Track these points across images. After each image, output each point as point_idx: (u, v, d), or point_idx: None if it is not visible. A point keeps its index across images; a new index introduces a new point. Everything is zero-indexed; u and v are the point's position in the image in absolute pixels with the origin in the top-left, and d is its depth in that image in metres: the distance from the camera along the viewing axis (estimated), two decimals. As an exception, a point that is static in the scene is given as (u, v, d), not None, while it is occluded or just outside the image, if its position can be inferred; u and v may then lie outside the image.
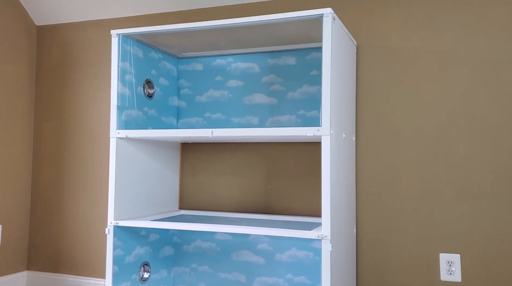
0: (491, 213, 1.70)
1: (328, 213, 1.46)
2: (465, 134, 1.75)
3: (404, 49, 1.84)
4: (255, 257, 1.98)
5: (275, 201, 1.99)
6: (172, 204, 2.11)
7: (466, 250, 1.72)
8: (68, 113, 2.38)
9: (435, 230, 1.76)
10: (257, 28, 1.68)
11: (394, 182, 1.83)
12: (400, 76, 1.84)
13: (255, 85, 2.03)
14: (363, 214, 1.86)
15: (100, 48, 2.33)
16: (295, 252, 1.91)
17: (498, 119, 1.71)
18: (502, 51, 1.72)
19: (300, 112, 1.95)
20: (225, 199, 2.08)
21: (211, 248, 2.05)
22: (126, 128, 1.82)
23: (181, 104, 2.16)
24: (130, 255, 1.83)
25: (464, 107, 1.75)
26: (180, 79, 2.16)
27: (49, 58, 2.44)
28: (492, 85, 1.72)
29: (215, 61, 2.10)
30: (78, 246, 2.31)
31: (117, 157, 1.77)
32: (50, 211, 2.38)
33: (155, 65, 2.01)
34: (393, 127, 1.84)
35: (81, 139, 2.34)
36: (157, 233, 2.00)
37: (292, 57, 1.97)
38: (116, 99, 1.78)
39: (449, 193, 1.76)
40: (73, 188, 2.34)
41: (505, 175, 1.69)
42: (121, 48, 1.80)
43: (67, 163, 2.36)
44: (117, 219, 1.76)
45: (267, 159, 2.02)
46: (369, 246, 1.85)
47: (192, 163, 2.15)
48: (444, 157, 1.77)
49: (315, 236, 1.47)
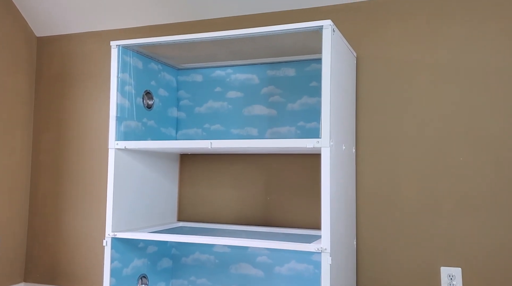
0: (493, 226, 1.68)
1: (328, 226, 1.45)
2: (465, 146, 1.74)
3: (403, 61, 1.84)
4: (254, 269, 1.95)
5: (275, 213, 1.98)
6: (171, 216, 2.09)
7: (468, 264, 1.70)
8: (67, 123, 2.37)
9: (436, 243, 1.75)
10: (257, 39, 1.68)
11: (394, 194, 1.82)
12: (399, 88, 1.84)
13: (254, 96, 2.03)
14: (363, 226, 1.85)
15: (100, 59, 2.34)
16: (295, 265, 1.89)
17: (498, 131, 1.71)
18: (500, 63, 1.72)
19: (299, 124, 1.95)
20: (224, 211, 2.06)
21: (209, 260, 2.03)
22: (125, 139, 1.81)
23: (180, 115, 2.15)
24: (127, 267, 1.81)
25: (463, 119, 1.75)
26: (179, 90, 2.16)
27: (48, 69, 2.44)
28: (491, 97, 1.72)
29: (214, 72, 2.10)
30: (76, 258, 2.29)
31: (115, 168, 1.76)
32: (47, 222, 2.36)
33: (154, 76, 2.01)
34: (393, 139, 1.84)
35: (79, 150, 2.33)
36: (155, 245, 1.98)
37: (292, 68, 1.97)
38: (115, 110, 1.78)
39: (449, 205, 1.74)
40: (71, 199, 2.32)
41: (505, 187, 1.68)
42: (120, 59, 1.80)
43: (65, 174, 2.35)
44: (115, 231, 1.74)
45: (266, 171, 2.01)
46: (369, 259, 1.83)
47: (191, 175, 2.13)
48: (444, 169, 1.76)
49: (314, 249, 1.45)
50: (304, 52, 1.85)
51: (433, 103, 1.79)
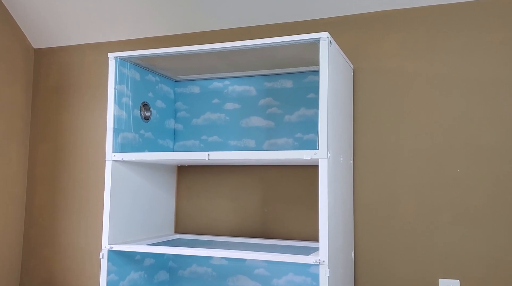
0: (491, 237, 1.68)
1: (326, 238, 1.44)
2: (463, 158, 1.74)
3: (401, 73, 1.85)
4: (251, 282, 1.94)
5: (272, 225, 1.97)
6: (168, 228, 2.08)
7: (466, 276, 1.69)
8: (64, 135, 2.37)
9: (434, 255, 1.74)
10: (254, 51, 1.69)
11: (392, 206, 1.81)
12: (397, 100, 1.85)
13: (252, 108, 2.03)
14: (361, 238, 1.84)
15: (97, 71, 2.34)
16: (292, 277, 1.87)
17: (496, 143, 1.71)
18: (498, 75, 1.73)
19: (297, 135, 1.95)
20: (222, 223, 2.05)
21: (207, 273, 2.01)
22: (122, 151, 1.80)
23: (177, 126, 2.15)
24: (124, 280, 1.79)
25: (461, 131, 1.76)
26: (177, 102, 2.17)
27: (46, 80, 2.44)
28: (489, 109, 1.73)
29: (212, 84, 2.11)
30: (72, 270, 2.26)
31: (112, 180, 1.75)
32: (43, 234, 2.34)
33: (152, 87, 2.01)
34: (390, 151, 1.84)
35: (76, 161, 2.32)
36: (152, 258, 1.96)
37: (289, 80, 1.98)
38: (112, 122, 1.77)
39: (448, 217, 1.74)
40: (68, 211, 2.30)
41: (504, 199, 1.68)
42: (118, 71, 1.81)
43: (62, 186, 2.34)
44: (111, 243, 1.72)
45: (264, 183, 2.00)
46: (367, 271, 1.82)
47: (188, 186, 2.13)
48: (442, 180, 1.76)
49: (312, 261, 1.44)
50: (302, 64, 1.86)
51: (430, 115, 1.80)
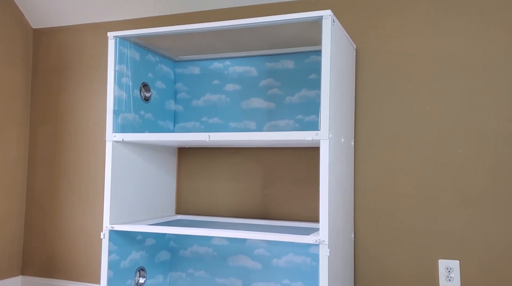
0: (491, 218, 1.69)
1: (326, 218, 1.44)
2: (464, 139, 1.74)
3: (403, 53, 1.83)
4: (252, 262, 1.95)
5: (273, 206, 1.98)
6: (169, 209, 2.09)
7: (466, 256, 1.70)
8: (64, 116, 2.36)
9: (434, 236, 1.75)
10: (255, 30, 1.67)
11: (392, 187, 1.82)
12: (399, 81, 1.84)
13: (252, 89, 2.02)
14: (361, 219, 1.85)
15: (97, 51, 2.32)
16: (292, 258, 1.89)
17: (498, 125, 1.70)
18: (501, 56, 1.71)
19: (298, 117, 1.94)
20: (222, 204, 2.06)
21: (207, 253, 2.03)
22: (122, 131, 1.80)
23: (178, 108, 2.14)
24: (125, 260, 1.80)
25: (463, 112, 1.75)
26: (177, 83, 2.15)
27: (45, 61, 2.42)
28: (491, 90, 1.72)
29: (212, 65, 2.09)
30: (73, 251, 2.28)
31: (113, 160, 1.75)
32: (45, 215, 2.35)
33: (151, 68, 1.99)
34: (392, 132, 1.83)
35: (77, 143, 2.32)
36: (153, 238, 1.97)
37: (291, 60, 1.96)
38: (112, 102, 1.76)
39: (448, 198, 1.74)
40: (68, 193, 2.31)
41: (504, 180, 1.68)
42: (118, 50, 1.79)
43: (62, 167, 2.34)
44: (112, 223, 1.73)
45: (264, 164, 2.00)
46: (367, 251, 1.83)
47: (189, 168, 2.13)
48: (443, 162, 1.76)
49: (312, 240, 1.45)
50: (304, 44, 1.84)
51: (433, 96, 1.79)
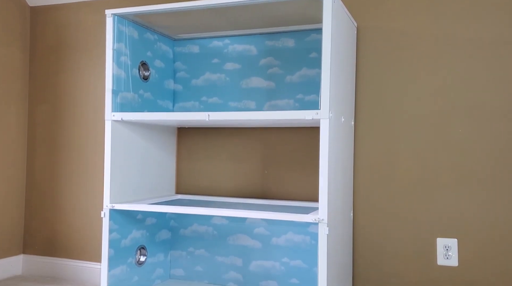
0: (489, 198, 1.69)
1: (326, 197, 1.45)
2: (465, 119, 1.73)
3: (404, 32, 1.81)
4: (251, 241, 1.97)
5: (272, 186, 1.98)
6: (169, 189, 2.09)
7: (464, 235, 1.72)
8: (63, 96, 2.34)
9: (433, 215, 1.76)
10: (255, 7, 1.64)
11: (392, 167, 1.82)
12: (400, 59, 1.82)
13: (252, 68, 2.00)
14: (360, 198, 1.85)
15: (95, 29, 2.29)
16: (292, 236, 1.90)
17: (498, 104, 1.69)
18: (502, 35, 1.69)
19: (298, 96, 1.93)
20: (222, 184, 2.06)
21: (207, 232, 2.05)
22: (121, 110, 1.79)
23: (177, 87, 2.13)
24: (126, 239, 1.82)
25: (464, 92, 1.74)
26: (176, 62, 2.13)
27: (43, 39, 2.39)
28: (493, 70, 1.70)
29: (211, 43, 2.07)
30: (74, 230, 2.30)
31: (112, 140, 1.74)
32: (45, 195, 2.36)
33: (150, 46, 1.97)
34: (392, 112, 1.83)
35: (76, 122, 2.31)
36: (154, 217, 1.99)
37: (291, 39, 1.94)
38: (111, 81, 1.75)
39: (447, 178, 1.75)
40: (68, 172, 2.32)
41: (504, 160, 1.68)
42: (116, 28, 1.76)
43: (62, 147, 2.33)
44: (113, 203, 1.74)
45: (264, 145, 2.00)
46: (366, 230, 1.84)
47: (188, 148, 2.13)
48: (443, 142, 1.76)
49: (312, 219, 1.46)
50: (304, 22, 1.81)
51: (433, 75, 1.77)
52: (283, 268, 1.91)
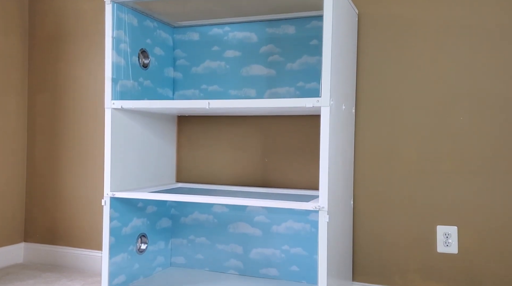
0: (490, 185, 1.69)
1: (326, 185, 1.45)
2: (466, 106, 1.72)
3: (406, 18, 1.80)
4: (252, 229, 1.98)
5: (273, 175, 1.98)
6: (169, 177, 2.10)
7: (464, 223, 1.72)
8: (62, 84, 2.33)
9: (433, 202, 1.76)
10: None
11: (392, 155, 1.82)
12: (401, 46, 1.81)
13: (252, 55, 1.99)
14: (361, 186, 1.85)
15: (95, 17, 2.27)
16: (292, 224, 1.91)
17: (500, 91, 1.68)
18: (505, 23, 1.68)
19: (299, 84, 1.92)
20: (222, 173, 2.06)
21: (208, 220, 2.05)
22: (121, 98, 1.78)
23: (177, 75, 2.12)
24: (127, 227, 1.82)
25: (466, 79, 1.73)
26: (175, 49, 2.12)
27: (42, 28, 2.37)
28: (495, 56, 1.69)
29: (211, 30, 2.05)
30: (75, 218, 2.30)
31: (112, 128, 1.74)
32: (46, 183, 2.37)
33: (150, 34, 1.96)
34: (393, 99, 1.82)
35: (76, 110, 2.30)
36: (155, 205, 1.99)
37: (292, 26, 1.92)
38: (111, 69, 1.74)
39: (448, 166, 1.75)
40: (69, 160, 2.31)
41: (504, 148, 1.68)
42: (115, 15, 1.75)
43: (62, 136, 2.33)
44: (113, 191, 1.74)
45: (265, 133, 2.00)
46: (366, 218, 1.85)
47: (188, 136, 2.12)
48: (444, 130, 1.75)
49: (312, 207, 1.46)
50: (305, 8, 1.79)
51: (435, 62, 1.76)
52: (283, 255, 1.92)
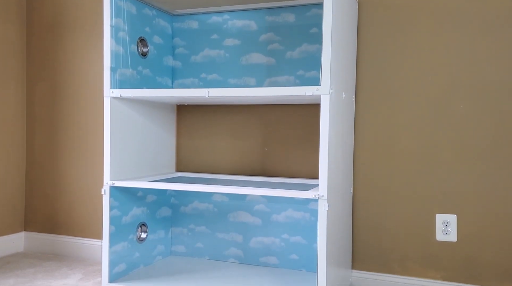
0: (489, 174, 1.70)
1: (326, 173, 1.45)
2: (466, 95, 1.72)
3: (406, 7, 1.78)
4: (251, 217, 1.98)
5: (272, 164, 1.98)
6: (169, 166, 2.09)
7: (463, 211, 1.72)
8: (61, 73, 2.32)
9: (433, 191, 1.76)
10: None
11: (392, 143, 1.81)
12: (401, 35, 1.79)
13: (252, 44, 1.97)
14: (361, 175, 1.86)
15: (93, 5, 2.25)
16: (292, 213, 1.91)
17: (500, 80, 1.68)
18: (506, 10, 1.66)
19: (299, 73, 1.91)
20: (222, 162, 2.06)
21: (208, 209, 2.06)
22: (120, 87, 1.77)
23: (176, 64, 2.10)
24: (127, 216, 1.83)
25: (466, 67, 1.72)
26: (174, 38, 2.10)
27: (40, 16, 2.35)
28: (495, 45, 1.68)
29: (210, 19, 2.03)
30: (75, 207, 2.31)
31: (111, 117, 1.73)
32: (45, 172, 2.37)
33: (148, 22, 1.94)
34: (393, 88, 1.81)
35: (75, 99, 2.29)
36: (154, 194, 1.99)
37: (291, 14, 1.91)
38: (110, 57, 1.73)
39: (447, 154, 1.74)
40: (68, 149, 2.31)
41: (504, 136, 1.68)
42: (114, 4, 1.73)
43: (61, 125, 2.32)
44: (113, 180, 1.74)
45: (264, 122, 1.99)
46: (366, 206, 1.85)
47: (188, 126, 2.12)
48: (444, 118, 1.75)
49: (312, 196, 1.46)
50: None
51: (435, 51, 1.75)
52: (283, 244, 1.93)
